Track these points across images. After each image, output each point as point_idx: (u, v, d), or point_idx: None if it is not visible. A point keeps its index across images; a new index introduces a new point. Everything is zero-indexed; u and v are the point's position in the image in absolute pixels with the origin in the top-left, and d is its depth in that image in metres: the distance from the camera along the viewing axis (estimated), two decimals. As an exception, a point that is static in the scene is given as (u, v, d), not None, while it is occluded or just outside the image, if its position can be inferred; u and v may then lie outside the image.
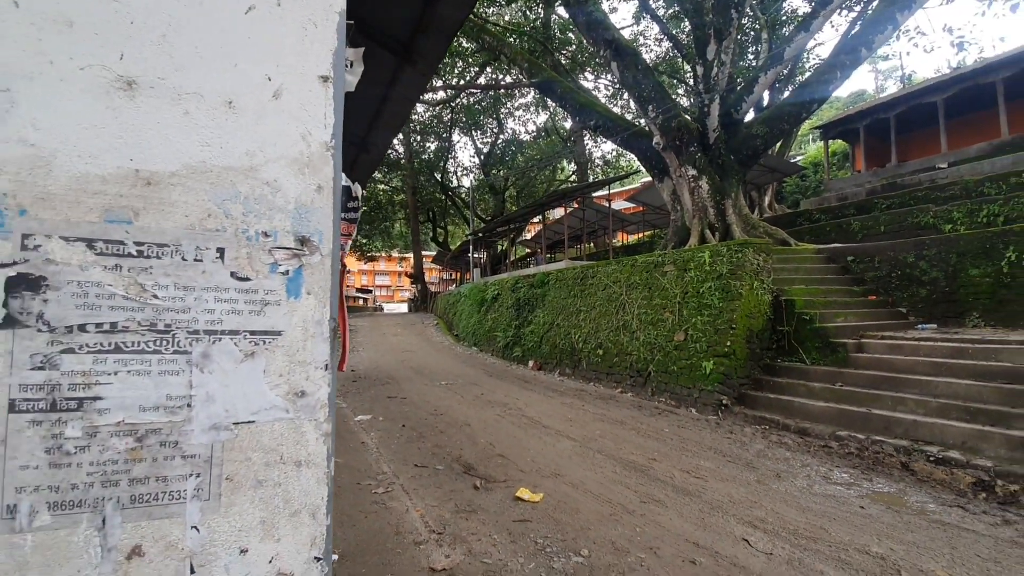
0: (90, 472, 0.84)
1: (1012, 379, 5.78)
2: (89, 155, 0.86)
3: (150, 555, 0.87)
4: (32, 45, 0.84)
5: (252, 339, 0.95)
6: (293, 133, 1.00)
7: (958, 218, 10.17)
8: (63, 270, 0.84)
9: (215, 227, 0.93)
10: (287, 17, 1.00)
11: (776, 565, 3.06)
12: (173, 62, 0.92)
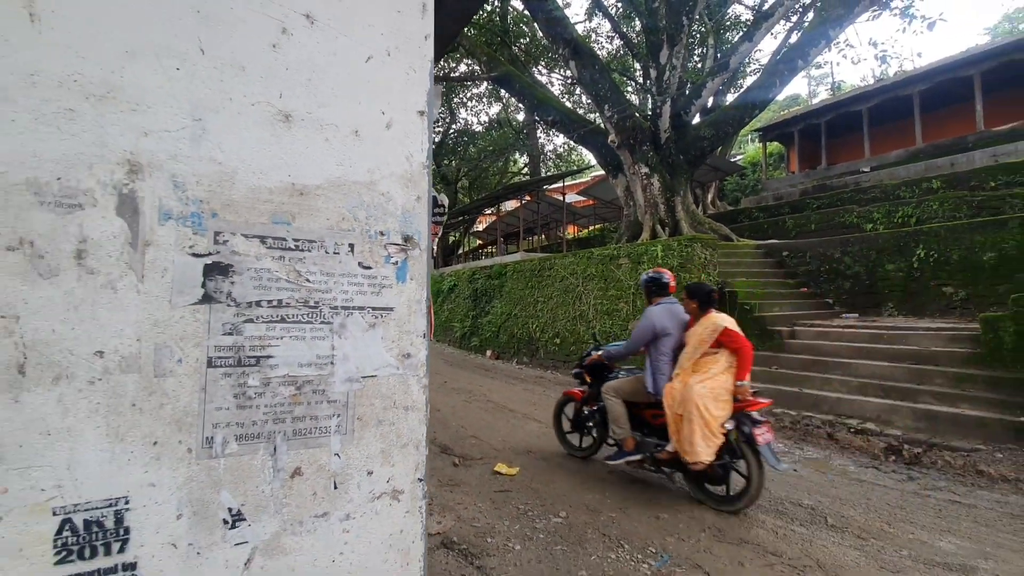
0: (264, 412, 1.12)
1: (919, 360, 6.64)
2: (260, 171, 1.13)
3: (307, 474, 1.16)
4: (216, 85, 1.09)
5: (373, 313, 1.25)
6: (400, 155, 1.29)
7: (877, 218, 11.25)
8: (244, 260, 1.11)
9: (347, 228, 1.22)
10: (395, 65, 1.29)
11: (723, 516, 3.56)
12: (316, 100, 1.19)
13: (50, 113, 0.95)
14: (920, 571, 2.88)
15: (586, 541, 3.25)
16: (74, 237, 0.96)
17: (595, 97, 12.33)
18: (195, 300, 1.06)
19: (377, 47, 1.27)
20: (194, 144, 1.06)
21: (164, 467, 1.03)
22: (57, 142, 0.95)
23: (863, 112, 16.90)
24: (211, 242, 1.08)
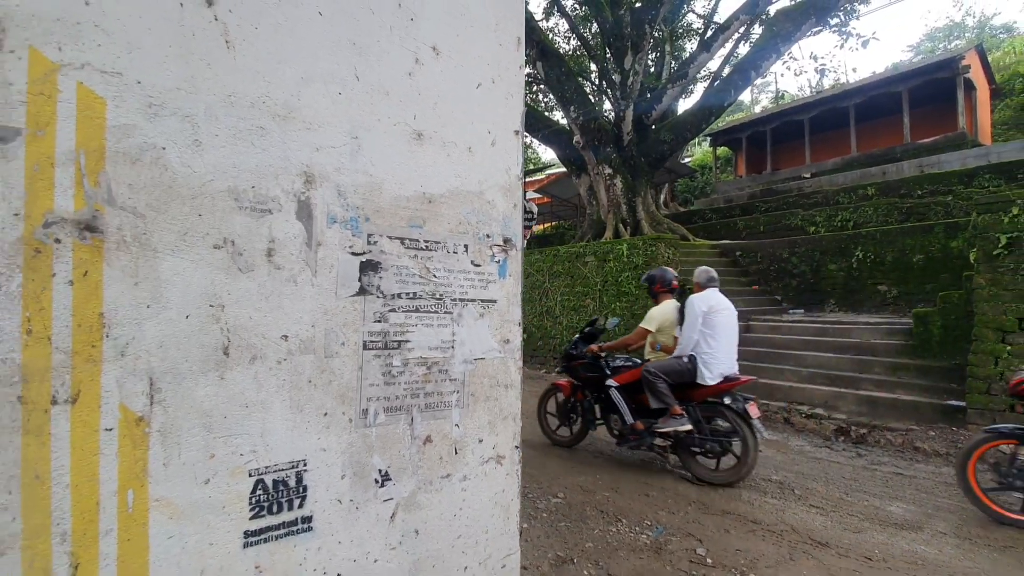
0: (404, 388, 1.31)
1: (860, 351, 7.32)
2: (399, 182, 1.31)
3: (435, 441, 1.36)
4: (368, 107, 1.27)
5: (482, 305, 1.45)
6: (501, 169, 1.49)
7: (820, 222, 12.15)
8: (389, 258, 1.29)
9: (463, 231, 1.42)
10: (497, 90, 1.49)
11: (705, 492, 3.94)
12: (441, 120, 1.38)
13: (245, 130, 1.11)
14: (877, 530, 3.33)
15: (587, 518, 3.53)
16: (265, 237, 1.12)
17: (561, 98, 12.66)
18: (353, 292, 1.24)
19: (484, 75, 1.47)
20: (352, 158, 1.24)
21: (332, 434, 1.20)
22: (251, 155, 1.11)
23: (805, 122, 18.06)
24: (365, 243, 1.25)
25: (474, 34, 1.45)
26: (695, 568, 2.89)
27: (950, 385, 6.01)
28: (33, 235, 0.90)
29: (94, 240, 0.95)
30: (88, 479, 0.94)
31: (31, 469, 0.90)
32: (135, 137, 0.99)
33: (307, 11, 1.18)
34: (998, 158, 11.73)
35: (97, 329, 0.95)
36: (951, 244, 8.36)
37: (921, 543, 3.18)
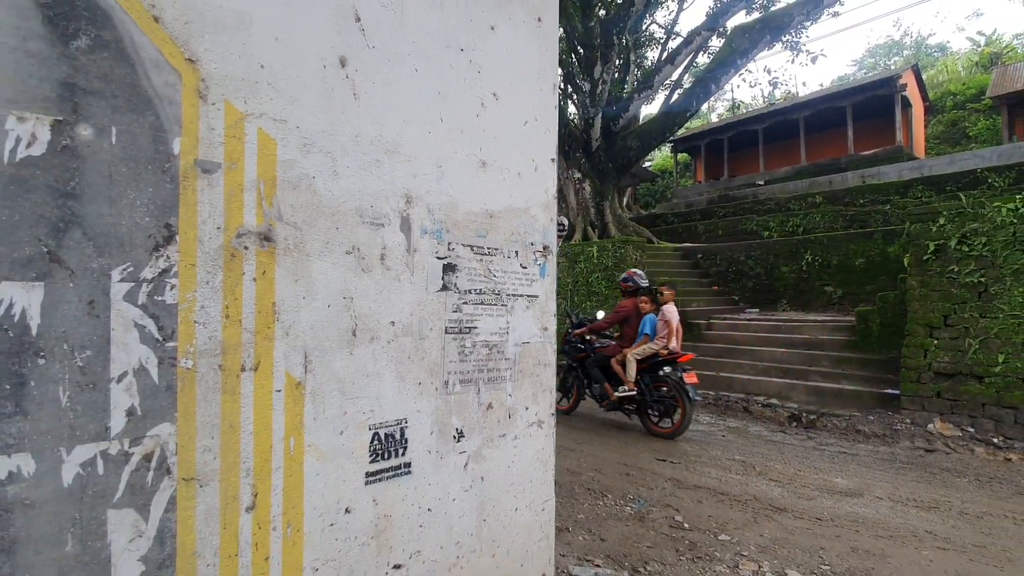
0: (473, 365, 1.65)
1: (809, 347, 8.00)
2: (469, 201, 1.65)
3: (494, 407, 1.70)
4: (448, 143, 1.61)
5: (528, 299, 1.81)
6: (541, 190, 1.85)
7: (773, 227, 12.98)
8: (462, 261, 1.63)
9: (514, 240, 1.77)
10: (538, 126, 1.85)
11: (680, 470, 4.40)
12: (498, 151, 1.73)
13: (367, 162, 1.43)
14: (825, 498, 3.86)
15: (576, 495, 3.92)
16: (379, 245, 1.45)
17: (533, 104, 13.05)
18: (438, 288, 1.57)
19: (529, 115, 1.82)
20: (437, 183, 1.57)
21: (424, 399, 1.53)
22: (371, 182, 1.43)
23: (759, 131, 19.10)
24: (446, 249, 1.59)
25: (522, 82, 1.80)
26: (675, 532, 3.32)
27: (887, 376, 6.72)
28: (230, 243, 1.20)
29: (269, 248, 1.26)
30: (264, 428, 1.25)
31: (227, 420, 1.20)
32: (295, 169, 1.30)
33: (407, 68, 1.51)
34: (930, 171, 12.85)
35: (271, 315, 1.26)
36: (889, 249, 9.21)
37: (861, 506, 3.72)
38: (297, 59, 1.31)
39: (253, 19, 1.24)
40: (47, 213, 1.00)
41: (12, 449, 0.97)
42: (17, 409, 0.97)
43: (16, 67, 0.98)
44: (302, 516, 1.29)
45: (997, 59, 24.51)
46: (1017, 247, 5.63)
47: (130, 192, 1.08)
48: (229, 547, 1.19)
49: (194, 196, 1.15)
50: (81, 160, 1.04)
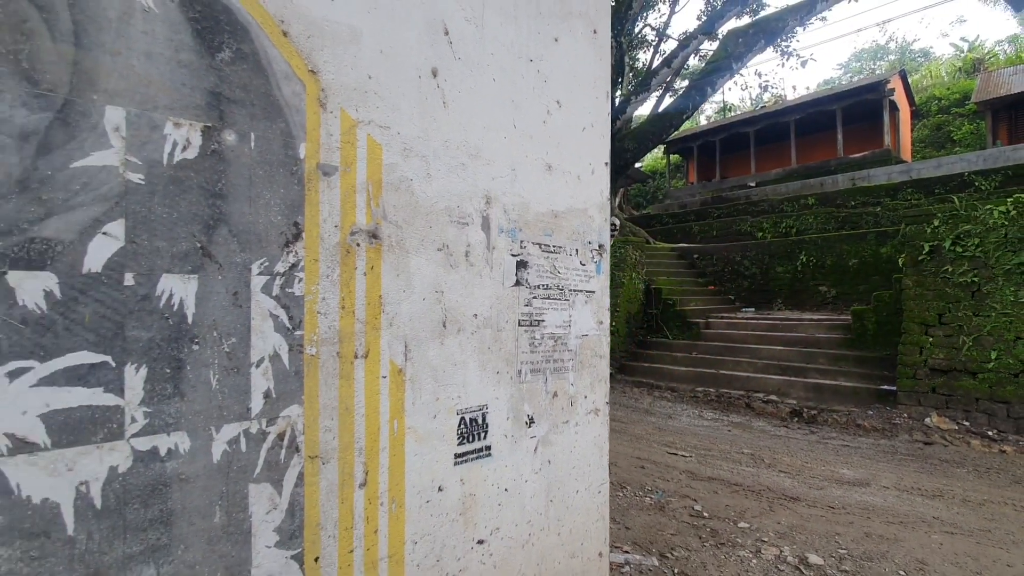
0: (541, 355, 1.76)
1: (806, 345, 8.21)
2: (538, 202, 1.76)
3: (559, 396, 1.82)
4: (520, 147, 1.72)
5: (586, 294, 1.92)
6: (597, 191, 1.97)
7: (767, 228, 13.23)
8: (532, 259, 1.74)
9: (575, 238, 1.88)
10: (595, 132, 1.97)
11: (693, 463, 4.54)
12: (562, 156, 1.84)
13: (454, 165, 1.53)
14: (834, 488, 4.02)
15: (595, 486, 4.04)
16: (464, 243, 1.55)
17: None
18: (513, 283, 1.68)
19: (587, 121, 1.94)
20: (511, 185, 1.68)
21: (501, 387, 1.64)
22: (457, 184, 1.54)
23: (750, 134, 19.41)
24: (519, 247, 1.70)
25: (581, 90, 1.92)
26: (695, 520, 3.46)
27: (883, 372, 6.94)
28: (346, 240, 1.30)
29: (376, 244, 1.36)
30: (373, 411, 1.35)
31: (344, 403, 1.30)
32: (397, 172, 1.40)
33: (487, 78, 1.62)
34: (918, 174, 13.19)
35: (378, 307, 1.36)
36: (881, 250, 9.47)
37: (869, 495, 3.89)
38: (397, 70, 1.41)
39: (363, 33, 1.34)
40: (199, 212, 1.10)
41: (171, 428, 1.06)
42: (176, 391, 1.07)
43: (171, 76, 1.07)
44: (404, 493, 1.40)
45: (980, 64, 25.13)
46: (1008, 248, 5.87)
47: (266, 193, 1.18)
48: (346, 520, 1.29)
49: (316, 196, 1.25)
50: (226, 163, 1.13)
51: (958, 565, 2.86)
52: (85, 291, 0.97)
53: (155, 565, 1.04)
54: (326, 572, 1.26)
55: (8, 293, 0.90)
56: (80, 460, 0.96)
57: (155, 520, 1.04)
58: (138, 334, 1.02)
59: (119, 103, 1.01)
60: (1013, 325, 5.71)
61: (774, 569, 2.85)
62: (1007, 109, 16.42)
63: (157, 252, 1.05)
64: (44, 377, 0.93)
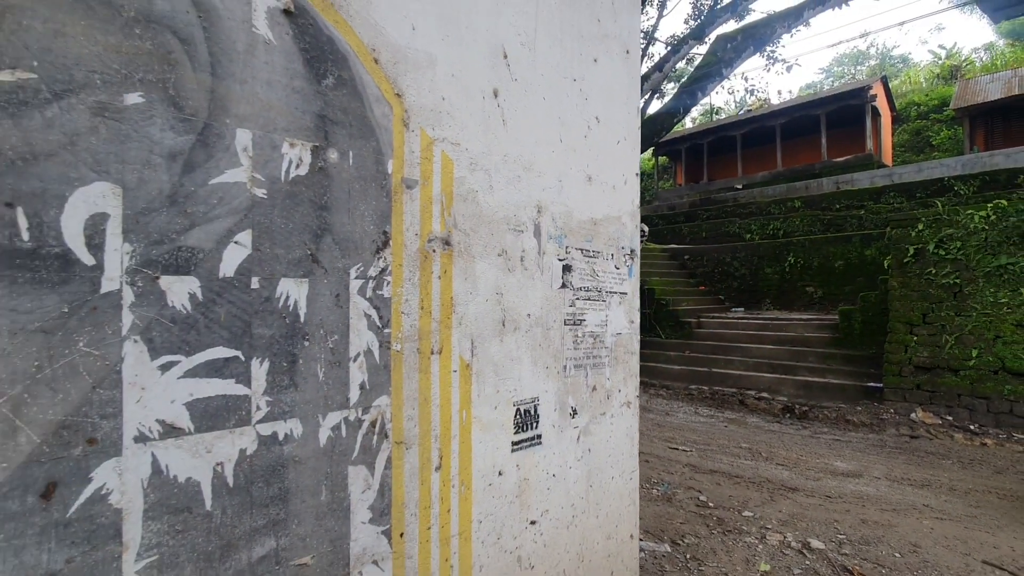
0: (583, 352, 1.91)
1: (795, 343, 8.48)
2: (580, 211, 1.91)
3: (597, 389, 1.97)
4: (565, 160, 1.86)
5: (619, 296, 2.08)
6: (629, 200, 2.12)
7: (755, 230, 13.53)
8: (576, 263, 1.89)
9: (611, 244, 2.04)
10: (627, 145, 2.12)
11: (694, 457, 4.73)
12: (600, 167, 1.99)
13: (511, 178, 1.67)
14: (830, 479, 4.24)
15: (603, 479, 4.20)
16: (520, 249, 1.70)
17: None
18: (559, 286, 1.83)
19: (621, 135, 2.09)
20: (558, 195, 1.83)
21: (549, 381, 1.79)
22: (514, 194, 1.68)
23: (737, 137, 19.77)
24: (564, 252, 1.85)
25: (616, 106, 2.07)
26: (702, 510, 3.64)
27: (869, 370, 7.23)
28: (424, 247, 1.44)
29: (448, 251, 1.50)
30: (446, 402, 1.49)
31: (423, 394, 1.43)
32: (465, 184, 1.54)
33: (538, 97, 1.76)
34: (900, 179, 13.60)
35: (450, 307, 1.50)
36: (866, 252, 9.79)
37: (863, 485, 4.11)
38: (465, 92, 1.55)
39: (437, 59, 1.48)
40: (309, 222, 1.22)
41: (287, 415, 1.19)
42: (291, 382, 1.19)
43: (287, 101, 1.20)
44: (471, 476, 1.54)
45: (957, 71, 25.87)
46: (988, 251, 6.16)
47: (361, 205, 1.31)
48: (425, 500, 1.42)
49: (401, 208, 1.39)
50: (330, 179, 1.26)
51: (948, 547, 3.08)
52: (221, 294, 1.10)
53: (275, 537, 1.16)
54: (409, 547, 1.39)
55: (161, 296, 1.02)
56: (216, 443, 1.09)
57: (275, 497, 1.17)
58: (262, 331, 1.15)
59: (247, 126, 1.13)
60: (992, 325, 6.00)
61: (779, 553, 3.04)
62: (984, 116, 16.97)
63: (276, 259, 1.17)
64: (189, 370, 1.06)
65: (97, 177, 0.95)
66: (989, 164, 12.72)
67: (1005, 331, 5.92)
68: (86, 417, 0.94)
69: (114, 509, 0.97)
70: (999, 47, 30.97)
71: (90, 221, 0.95)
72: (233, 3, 1.12)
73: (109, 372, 0.97)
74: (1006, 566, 2.87)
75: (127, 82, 0.99)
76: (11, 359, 0.88)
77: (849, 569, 2.85)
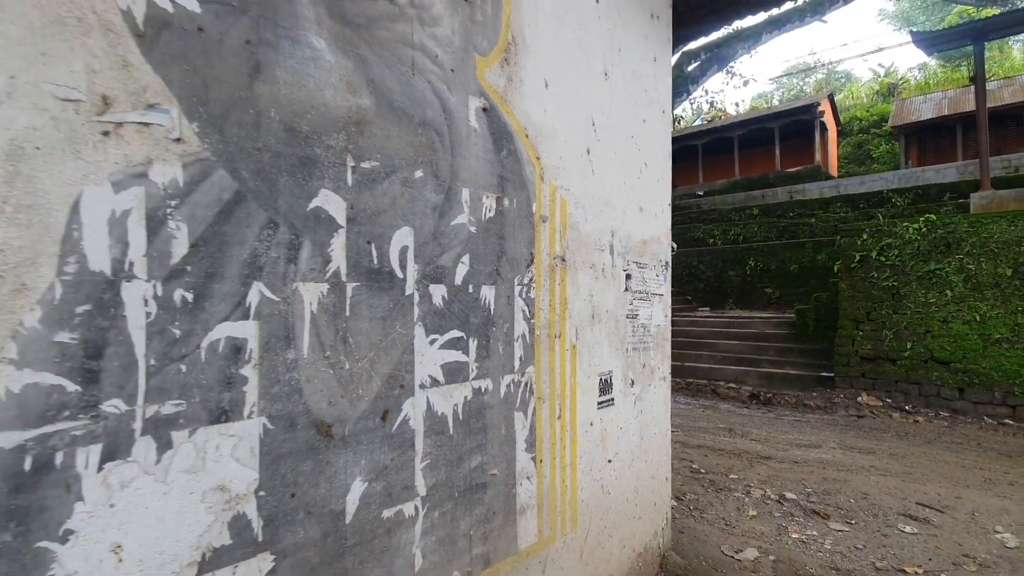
0: (637, 338, 2.58)
1: (758, 339, 9.43)
2: (635, 233, 2.58)
3: (646, 366, 2.64)
4: (626, 196, 2.52)
5: (658, 297, 2.76)
6: (664, 224, 2.81)
7: (717, 235, 14.58)
8: (633, 273, 2.56)
9: (653, 258, 2.71)
10: (664, 182, 2.80)
11: (681, 436, 5.50)
12: (647, 200, 2.66)
13: (597, 212, 2.32)
14: (795, 449, 5.08)
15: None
16: (602, 263, 2.35)
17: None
18: (623, 290, 2.49)
19: (660, 175, 2.77)
20: (623, 223, 2.49)
21: (618, 359, 2.45)
22: (598, 223, 2.33)
23: (699, 146, 20.99)
24: (627, 264, 2.51)
25: (657, 153, 2.75)
26: (696, 475, 4.38)
27: (822, 361, 8.23)
28: (551, 263, 2.07)
29: (563, 266, 2.13)
30: (563, 371, 2.12)
31: (551, 366, 2.06)
32: (572, 218, 2.18)
33: (611, 151, 2.42)
34: (845, 190, 14.98)
35: (565, 305, 2.13)
36: (817, 257, 10.91)
37: (822, 454, 4.96)
38: (573, 152, 2.19)
39: (558, 131, 2.11)
40: (495, 247, 1.84)
41: (484, 376, 1.80)
42: (487, 354, 1.80)
43: (484, 168, 1.81)
44: (576, 425, 2.18)
45: (894, 89, 28.08)
46: (920, 259, 7.22)
47: (519, 234, 1.93)
48: (552, 439, 2.06)
49: (540, 236, 2.02)
50: (504, 218, 1.88)
51: (889, 494, 3.92)
52: (455, 295, 1.70)
53: (480, 455, 1.78)
54: (545, 469, 2.02)
55: (430, 297, 1.62)
56: (454, 391, 1.69)
57: (479, 429, 1.78)
58: (474, 320, 1.76)
59: (467, 186, 1.74)
60: (923, 321, 7.06)
61: (762, 503, 3.80)
62: (917, 134, 18.74)
63: (480, 272, 1.78)
64: (442, 343, 1.66)
65: (404, 224, 1.55)
66: (922, 179, 14.21)
67: (933, 327, 6.98)
68: (399, 371, 1.54)
69: (411, 429, 1.56)
70: (932, 67, 33.71)
71: (401, 251, 1.54)
72: (461, 107, 1.72)
73: (408, 344, 1.56)
74: (933, 505, 3.73)
75: (415, 163, 1.58)
76: (369, 335, 1.46)
77: (816, 511, 3.63)
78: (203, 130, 1.14)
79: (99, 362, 1.01)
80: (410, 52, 1.57)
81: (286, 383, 1.28)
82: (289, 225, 1.29)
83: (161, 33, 1.08)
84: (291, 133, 1.29)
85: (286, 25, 1.28)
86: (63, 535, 0.96)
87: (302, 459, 1.30)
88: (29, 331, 0.93)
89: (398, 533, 1.51)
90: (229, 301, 1.18)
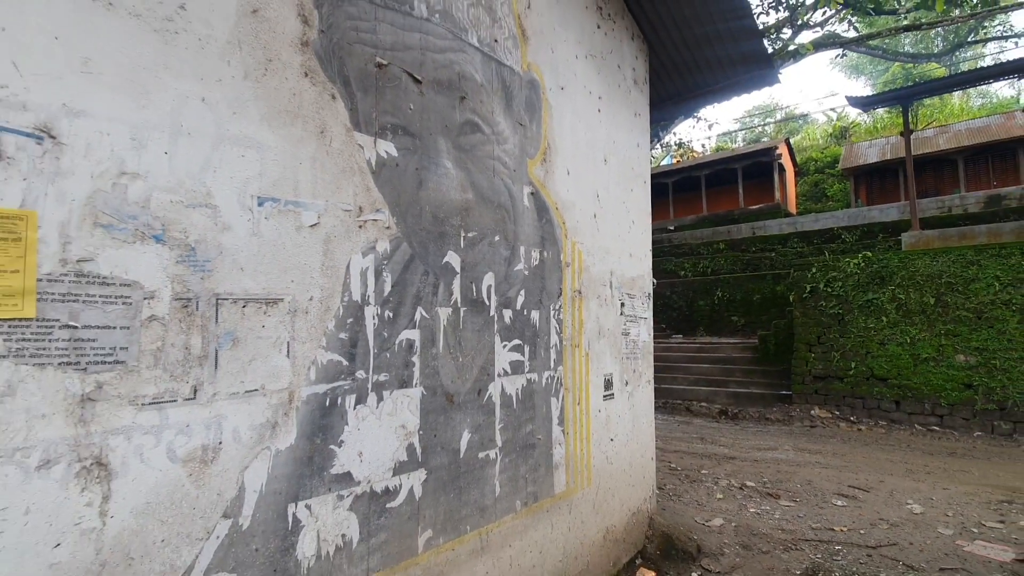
0: (629, 350, 3.48)
1: (726, 363, 10.45)
2: (627, 273, 3.51)
3: (636, 371, 3.54)
4: (620, 245, 3.46)
5: (643, 319, 3.67)
6: (647, 264, 3.75)
7: (687, 268, 15.77)
8: (626, 302, 3.47)
9: (638, 290, 3.64)
10: (646, 234, 3.76)
11: (659, 444, 6.38)
12: (633, 247, 3.61)
13: (601, 258, 3.25)
14: (756, 452, 6.00)
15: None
16: (606, 295, 3.26)
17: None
18: (619, 313, 3.40)
19: (643, 228, 3.72)
20: (618, 265, 3.42)
21: (616, 365, 3.34)
22: (602, 266, 3.25)
23: (669, 184, 22.48)
24: (621, 296, 3.43)
25: (641, 213, 3.71)
26: (673, 471, 5.25)
27: (781, 381, 9.26)
28: (572, 295, 2.97)
29: (579, 297, 3.04)
30: (581, 371, 3.00)
31: (573, 367, 2.94)
32: (585, 263, 3.10)
33: (611, 214, 3.36)
34: (802, 227, 16.43)
35: (581, 324, 3.03)
36: (777, 288, 12.10)
37: (778, 455, 5.88)
38: (585, 217, 3.12)
39: (575, 203, 3.04)
40: (539, 285, 2.73)
41: (532, 371, 2.66)
42: (534, 356, 2.67)
43: (531, 231, 2.71)
44: (590, 410, 3.05)
45: (846, 132, 30.47)
46: (860, 289, 8.37)
47: (553, 276, 2.83)
48: (574, 418, 2.92)
49: (565, 276, 2.92)
50: (544, 266, 2.78)
51: (829, 481, 4.84)
52: (517, 317, 2.58)
53: (531, 424, 2.62)
54: (569, 440, 2.87)
55: (503, 317, 2.50)
56: (516, 380, 2.55)
57: (528, 408, 2.63)
58: (527, 333, 2.63)
59: (523, 244, 2.64)
60: (864, 344, 8.16)
61: (727, 490, 4.68)
62: (865, 175, 20.58)
63: (530, 301, 2.67)
64: (510, 348, 2.52)
65: (489, 270, 2.43)
66: (868, 217, 15.75)
67: (872, 348, 8.09)
68: (487, 364, 2.39)
69: (493, 402, 2.41)
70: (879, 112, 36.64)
71: (488, 288, 2.42)
72: (519, 193, 2.64)
73: (491, 347, 2.43)
74: (861, 487, 4.66)
75: (495, 231, 2.48)
76: (471, 341, 2.32)
77: (770, 493, 4.53)
78: (397, 221, 2.02)
79: (354, 350, 1.85)
80: (492, 162, 2.49)
81: (432, 368, 2.13)
82: (434, 273, 2.16)
83: (381, 169, 1.97)
84: (435, 218, 2.18)
85: (433, 156, 2.18)
86: (339, 443, 1.79)
87: (439, 415, 2.14)
88: (329, 332, 1.78)
89: (486, 468, 2.35)
90: (407, 317, 2.04)
